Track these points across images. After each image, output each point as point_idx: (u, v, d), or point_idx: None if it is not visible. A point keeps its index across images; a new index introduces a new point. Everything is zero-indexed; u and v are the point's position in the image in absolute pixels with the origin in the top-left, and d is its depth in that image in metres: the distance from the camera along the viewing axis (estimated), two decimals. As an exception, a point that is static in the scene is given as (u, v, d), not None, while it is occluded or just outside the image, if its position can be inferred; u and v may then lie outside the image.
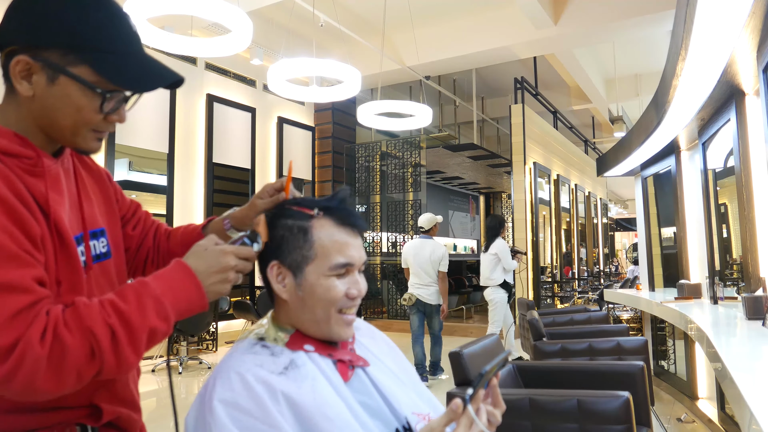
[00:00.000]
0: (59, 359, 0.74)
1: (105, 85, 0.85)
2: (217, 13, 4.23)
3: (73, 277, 0.88)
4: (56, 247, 0.85)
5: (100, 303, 0.79)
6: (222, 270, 0.87)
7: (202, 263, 0.86)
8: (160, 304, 0.81)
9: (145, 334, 0.80)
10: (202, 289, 0.85)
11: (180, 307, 0.83)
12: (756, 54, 2.30)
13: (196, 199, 7.11)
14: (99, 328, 0.76)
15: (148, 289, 0.81)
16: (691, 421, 3.71)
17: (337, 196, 0.97)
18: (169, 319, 0.82)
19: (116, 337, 0.77)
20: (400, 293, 9.13)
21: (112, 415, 0.96)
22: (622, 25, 6.85)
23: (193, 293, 0.84)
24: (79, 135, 0.88)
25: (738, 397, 1.27)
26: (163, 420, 4.02)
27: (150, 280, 0.83)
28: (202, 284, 0.85)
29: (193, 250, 0.88)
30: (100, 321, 0.77)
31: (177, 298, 0.83)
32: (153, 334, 0.81)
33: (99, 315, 0.77)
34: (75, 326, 0.76)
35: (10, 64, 0.83)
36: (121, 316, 0.78)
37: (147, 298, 0.80)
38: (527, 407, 1.85)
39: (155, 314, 0.80)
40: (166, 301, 0.81)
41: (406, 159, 9.25)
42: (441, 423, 0.77)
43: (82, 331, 0.76)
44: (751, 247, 2.76)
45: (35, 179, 0.85)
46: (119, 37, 0.87)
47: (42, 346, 0.73)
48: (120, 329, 0.78)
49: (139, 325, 0.79)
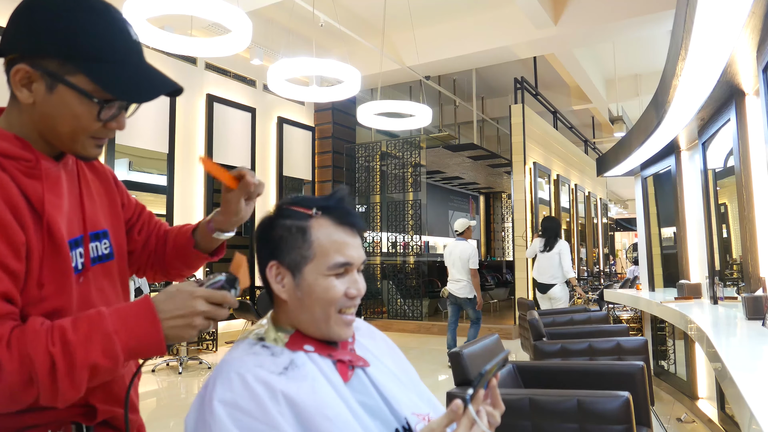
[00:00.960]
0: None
1: (102, 94, 0.85)
2: (217, 13, 4.23)
3: (60, 279, 0.87)
4: (45, 249, 0.85)
5: (49, 328, 0.77)
6: (188, 314, 0.83)
7: (169, 303, 0.83)
8: (109, 342, 0.78)
9: (86, 370, 0.77)
10: (161, 333, 0.81)
11: (131, 346, 0.80)
12: (756, 54, 2.30)
13: (196, 199, 7.11)
14: (39, 356, 0.75)
15: (102, 323, 0.79)
16: (691, 421, 3.71)
17: (335, 195, 0.96)
18: (117, 358, 0.79)
19: (56, 367, 0.75)
20: (401, 293, 9.15)
21: (107, 415, 0.96)
22: (622, 25, 6.85)
23: (150, 336, 0.81)
24: (77, 142, 0.89)
25: (738, 397, 1.27)
26: (163, 420, 4.02)
27: (108, 313, 0.81)
28: (162, 326, 0.81)
29: (166, 290, 0.85)
30: (42, 348, 0.75)
31: (131, 337, 0.80)
32: (95, 371, 0.78)
33: (43, 342, 0.75)
34: (16, 350, 0.74)
35: (11, 72, 0.84)
36: (65, 347, 0.76)
37: (97, 333, 0.78)
38: (527, 407, 1.85)
39: (101, 351, 0.78)
40: (117, 339, 0.79)
41: (406, 159, 9.25)
42: (441, 424, 0.77)
43: (21, 356, 0.74)
44: (751, 247, 2.76)
45: (33, 181, 0.86)
46: (118, 46, 0.87)
47: None
48: (61, 360, 0.75)
49: (81, 360, 0.76)
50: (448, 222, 15.17)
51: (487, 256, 16.87)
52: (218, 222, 1.10)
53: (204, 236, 1.13)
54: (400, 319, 8.96)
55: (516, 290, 7.96)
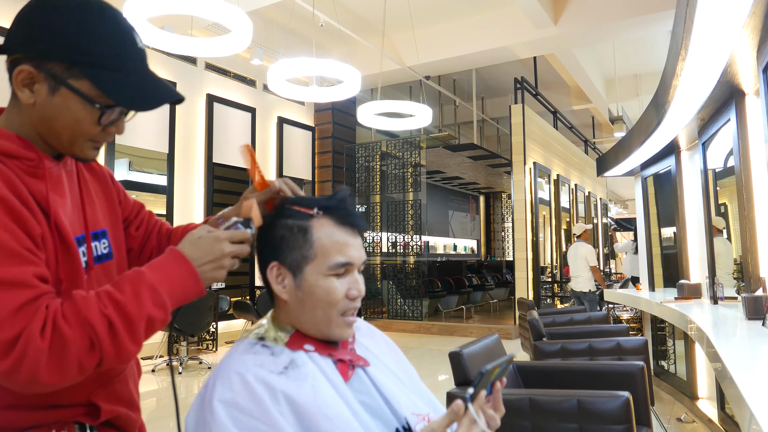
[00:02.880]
0: (60, 351, 0.76)
1: (104, 100, 0.86)
2: (217, 13, 4.23)
3: (74, 277, 0.88)
4: (57, 247, 0.86)
5: (96, 294, 0.80)
6: (217, 257, 0.87)
7: (196, 250, 0.87)
8: (156, 293, 0.82)
9: (143, 322, 0.80)
10: (198, 276, 0.86)
11: (176, 294, 0.84)
12: (756, 54, 2.30)
13: (196, 199, 7.11)
14: (96, 319, 0.78)
15: (143, 278, 0.82)
16: (691, 421, 3.71)
17: (336, 195, 0.96)
18: (166, 306, 0.83)
19: (114, 327, 0.78)
20: (401, 293, 9.15)
21: (110, 414, 0.96)
22: (622, 25, 6.85)
23: (188, 280, 0.85)
24: (75, 144, 0.89)
25: (738, 397, 1.27)
26: (163, 420, 4.02)
27: (145, 269, 0.84)
28: (198, 271, 0.86)
29: (187, 238, 0.89)
30: (97, 312, 0.78)
31: (173, 285, 0.84)
32: (151, 323, 0.82)
33: (96, 306, 0.79)
34: (73, 319, 0.77)
35: (14, 72, 0.84)
36: (117, 307, 0.79)
37: (143, 288, 0.81)
38: (527, 407, 1.85)
39: (152, 303, 0.81)
40: (161, 290, 0.82)
41: (406, 159, 9.26)
42: (442, 424, 0.77)
43: (80, 323, 0.77)
44: (751, 247, 2.76)
45: (36, 181, 0.86)
46: (124, 53, 0.87)
47: (42, 339, 0.75)
48: (117, 319, 0.79)
49: (136, 315, 0.80)
50: (448, 222, 15.16)
51: (487, 256, 16.87)
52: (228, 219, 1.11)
53: None
54: (400, 319, 8.96)
55: (516, 290, 7.95)
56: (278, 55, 7.51)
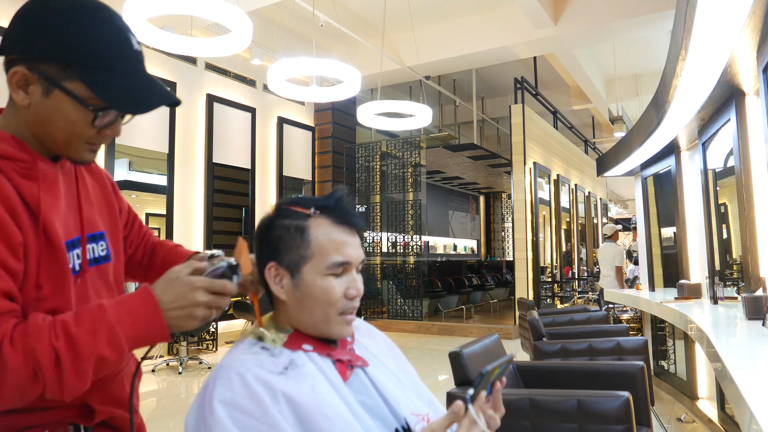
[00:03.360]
0: (0, 375, 0.74)
1: (98, 102, 0.85)
2: (217, 13, 4.23)
3: (58, 280, 0.87)
4: (42, 250, 0.85)
5: (52, 323, 0.77)
6: (189, 305, 0.82)
7: (169, 293, 0.82)
8: (113, 333, 0.78)
9: (92, 361, 0.77)
10: (163, 322, 0.81)
11: (137, 336, 0.80)
12: (756, 54, 2.30)
13: (196, 199, 7.11)
14: (44, 350, 0.75)
15: (104, 315, 0.79)
16: (691, 421, 3.71)
17: (334, 195, 0.96)
18: (122, 348, 0.79)
19: (60, 361, 0.75)
20: (401, 293, 9.15)
21: (105, 415, 0.96)
22: (622, 25, 6.85)
23: (152, 324, 0.80)
24: (71, 147, 0.88)
25: (738, 397, 1.27)
26: (163, 420, 4.02)
27: (110, 305, 0.80)
28: (165, 316, 0.81)
29: (165, 276, 0.84)
30: (46, 343, 0.75)
31: (135, 327, 0.80)
32: (101, 362, 0.78)
33: (47, 336, 0.76)
34: (20, 345, 0.75)
35: (9, 73, 0.84)
36: (69, 340, 0.76)
37: (101, 325, 0.78)
38: (527, 407, 1.85)
39: (106, 342, 0.78)
40: (120, 331, 0.78)
41: (406, 159, 9.25)
42: (442, 425, 0.77)
43: (25, 351, 0.74)
44: (751, 247, 2.76)
45: (29, 182, 0.85)
46: (118, 55, 0.86)
47: None
48: (65, 354, 0.75)
49: (87, 352, 0.76)
50: (448, 222, 15.16)
51: (487, 256, 16.87)
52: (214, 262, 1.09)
53: None
54: (400, 319, 8.96)
55: (516, 290, 7.95)
56: (278, 55, 7.51)
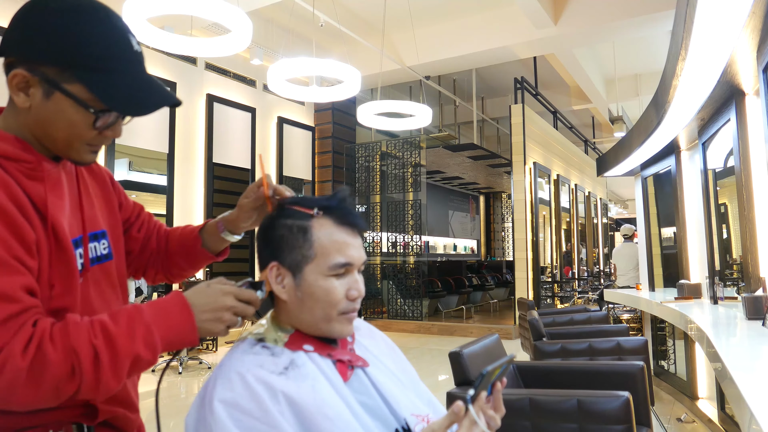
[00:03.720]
0: (39, 372, 0.74)
1: (98, 104, 0.85)
2: (217, 13, 4.23)
3: (67, 280, 0.87)
4: (52, 250, 0.85)
5: (90, 322, 0.79)
6: (218, 309, 0.86)
7: (200, 298, 0.86)
8: (149, 333, 0.81)
9: (129, 360, 0.79)
10: (195, 324, 0.85)
11: (170, 338, 0.83)
12: (756, 54, 2.30)
13: (196, 199, 7.11)
14: (83, 347, 0.76)
15: (142, 316, 0.81)
16: (691, 421, 3.71)
17: (336, 195, 0.96)
18: (156, 349, 0.82)
19: (99, 359, 0.77)
20: (401, 293, 9.15)
21: (108, 415, 0.96)
22: (622, 25, 6.85)
23: (185, 327, 0.84)
24: (72, 148, 0.88)
25: (738, 397, 1.27)
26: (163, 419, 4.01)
27: (145, 307, 0.83)
28: (196, 319, 0.85)
29: (196, 287, 0.89)
30: (85, 340, 0.77)
31: (169, 330, 0.83)
32: (137, 362, 0.80)
33: (86, 334, 0.77)
34: (60, 342, 0.76)
35: (9, 75, 0.83)
36: (107, 338, 0.78)
37: (138, 325, 0.80)
38: (527, 407, 1.85)
39: (143, 342, 0.80)
40: (155, 331, 0.81)
41: (406, 159, 9.25)
42: (443, 425, 0.77)
43: (65, 349, 0.76)
44: (751, 247, 2.76)
45: (35, 183, 0.85)
46: (118, 57, 0.86)
47: (23, 357, 0.74)
48: (104, 351, 0.77)
49: (125, 351, 0.79)
50: (448, 222, 15.16)
51: (487, 256, 16.87)
52: (228, 223, 1.12)
53: (212, 236, 1.15)
54: (400, 319, 8.96)
55: (516, 290, 7.95)
56: (278, 55, 7.51)
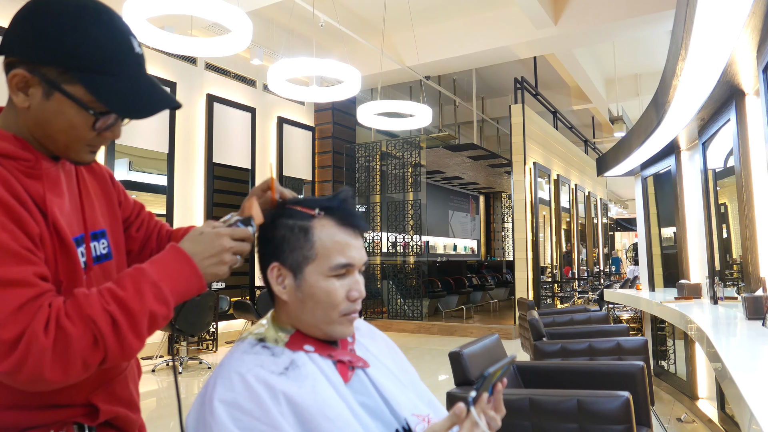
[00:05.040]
0: (64, 349, 0.76)
1: (98, 105, 0.85)
2: (217, 13, 4.23)
3: (73, 277, 0.88)
4: (56, 247, 0.86)
5: (98, 292, 0.81)
6: (218, 252, 0.88)
7: (197, 246, 0.88)
8: (157, 288, 0.82)
9: (145, 318, 0.81)
10: (199, 271, 0.86)
11: (178, 289, 0.85)
12: (756, 54, 2.30)
13: (196, 199, 7.11)
14: (99, 315, 0.78)
15: (145, 274, 0.83)
16: (691, 421, 3.71)
17: (338, 196, 0.96)
18: (168, 302, 0.83)
19: (117, 323, 0.79)
20: (401, 293, 9.15)
21: (110, 415, 0.96)
22: (622, 25, 6.85)
23: (189, 276, 0.86)
24: (71, 149, 0.89)
25: (738, 397, 1.27)
26: (163, 420, 4.02)
27: (146, 266, 0.84)
28: (199, 266, 0.86)
29: (189, 235, 0.90)
30: (99, 308, 0.78)
31: (174, 281, 0.84)
32: (153, 318, 0.82)
33: (98, 303, 0.79)
34: (76, 316, 0.78)
35: (9, 75, 0.84)
36: (120, 303, 0.80)
37: (144, 283, 0.82)
38: (527, 407, 1.85)
39: (154, 298, 0.82)
40: (163, 285, 0.83)
41: (406, 159, 9.25)
42: (444, 427, 0.77)
43: (83, 320, 0.78)
44: (751, 247, 2.76)
45: (33, 181, 0.86)
46: (119, 58, 0.86)
47: (46, 337, 0.75)
48: (120, 315, 0.79)
49: (139, 310, 0.80)
50: (448, 222, 15.16)
51: (487, 256, 16.87)
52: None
53: None
54: (400, 319, 8.96)
55: (516, 290, 7.95)
56: (278, 55, 7.51)
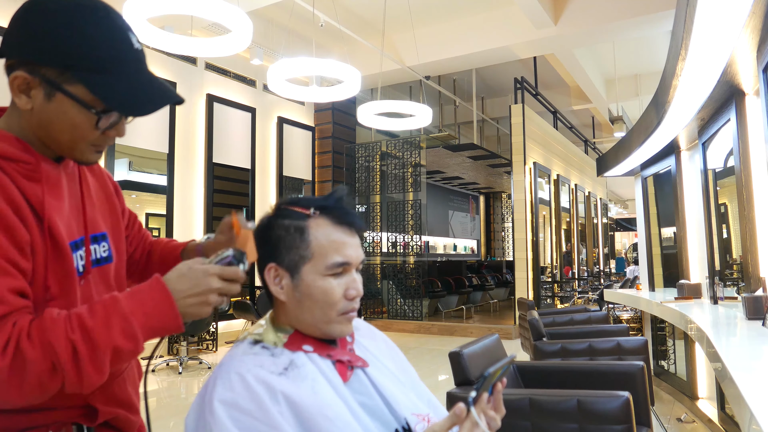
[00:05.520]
0: (20, 371, 0.74)
1: (100, 105, 0.84)
2: (217, 13, 4.23)
3: (64, 281, 0.87)
4: (48, 251, 0.85)
5: (67, 317, 0.78)
6: (203, 292, 0.83)
7: (182, 283, 0.83)
8: (127, 323, 0.79)
9: (108, 352, 0.78)
10: (176, 311, 0.82)
11: (151, 325, 0.81)
12: (756, 54, 2.30)
13: (196, 199, 7.11)
14: (60, 343, 0.76)
15: (118, 306, 0.79)
16: (691, 421, 3.71)
17: (333, 195, 0.96)
18: (137, 339, 0.80)
19: (78, 353, 0.76)
20: (401, 293, 9.15)
21: (108, 416, 0.96)
22: (622, 25, 6.85)
23: (166, 314, 0.81)
24: (76, 149, 0.88)
25: (738, 397, 1.27)
26: (163, 420, 4.02)
27: (122, 297, 0.81)
28: (179, 305, 0.82)
29: (177, 268, 0.85)
30: (62, 336, 0.76)
31: (148, 317, 0.80)
32: (117, 354, 0.79)
33: (63, 329, 0.77)
34: (37, 340, 0.76)
35: (10, 77, 0.83)
36: (84, 333, 0.77)
37: (115, 316, 0.79)
38: (527, 407, 1.85)
39: (121, 333, 0.78)
40: (134, 321, 0.79)
41: (406, 159, 9.25)
42: (444, 426, 0.77)
43: (42, 346, 0.75)
44: (751, 247, 2.76)
45: (33, 184, 0.85)
46: (119, 57, 0.85)
47: (3, 357, 0.74)
48: (82, 346, 0.76)
49: (103, 344, 0.77)
50: (448, 222, 15.16)
51: (487, 256, 16.87)
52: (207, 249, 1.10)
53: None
54: (400, 319, 8.96)
55: (516, 290, 7.95)
56: (278, 55, 7.51)
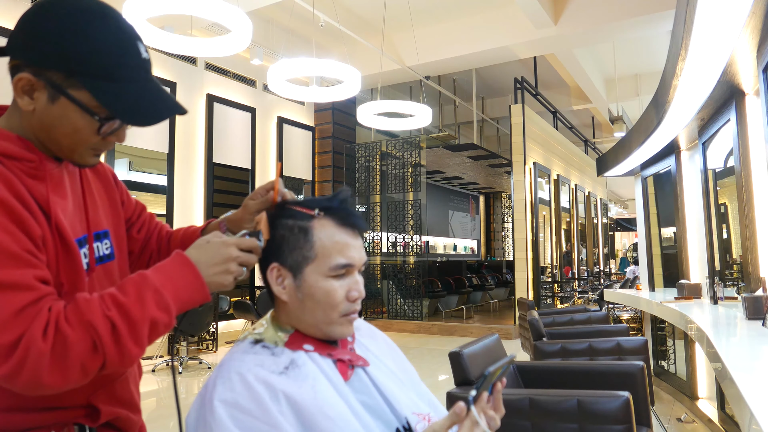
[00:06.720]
0: (62, 353, 0.76)
1: (103, 111, 0.85)
2: (217, 13, 4.23)
3: (75, 278, 0.88)
4: (58, 248, 0.86)
5: (100, 297, 0.80)
6: (224, 261, 0.87)
7: (203, 254, 0.87)
8: (159, 296, 0.81)
9: (146, 325, 0.80)
10: (203, 280, 0.85)
11: (181, 297, 0.84)
12: (756, 54, 2.30)
13: (196, 199, 7.11)
14: (99, 321, 0.77)
15: (147, 281, 0.82)
16: (691, 421, 3.71)
17: (338, 196, 0.96)
18: (170, 310, 0.82)
19: (117, 329, 0.78)
20: (401, 293, 9.15)
21: (110, 416, 0.96)
22: (622, 25, 6.85)
23: (193, 284, 0.85)
24: (76, 152, 0.89)
25: (738, 397, 1.27)
26: (163, 420, 4.02)
27: (150, 272, 0.84)
28: (203, 275, 0.85)
29: (195, 243, 0.89)
30: (99, 314, 0.78)
31: (177, 289, 0.83)
32: (155, 326, 0.81)
33: (99, 308, 0.78)
34: (76, 321, 0.77)
35: (14, 78, 0.83)
36: (120, 309, 0.79)
37: (147, 290, 0.81)
38: (527, 407, 1.85)
39: (155, 306, 0.81)
40: (165, 293, 0.82)
41: (406, 159, 9.26)
42: (444, 426, 0.77)
43: (82, 325, 0.77)
44: (751, 247, 2.76)
45: (37, 182, 0.86)
46: (125, 64, 0.85)
47: (45, 341, 0.75)
48: (120, 322, 0.78)
49: (140, 317, 0.80)
50: (448, 222, 15.16)
51: (487, 256, 16.87)
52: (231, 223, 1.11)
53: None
54: (400, 319, 8.96)
55: (516, 290, 7.96)
56: (278, 55, 7.51)
